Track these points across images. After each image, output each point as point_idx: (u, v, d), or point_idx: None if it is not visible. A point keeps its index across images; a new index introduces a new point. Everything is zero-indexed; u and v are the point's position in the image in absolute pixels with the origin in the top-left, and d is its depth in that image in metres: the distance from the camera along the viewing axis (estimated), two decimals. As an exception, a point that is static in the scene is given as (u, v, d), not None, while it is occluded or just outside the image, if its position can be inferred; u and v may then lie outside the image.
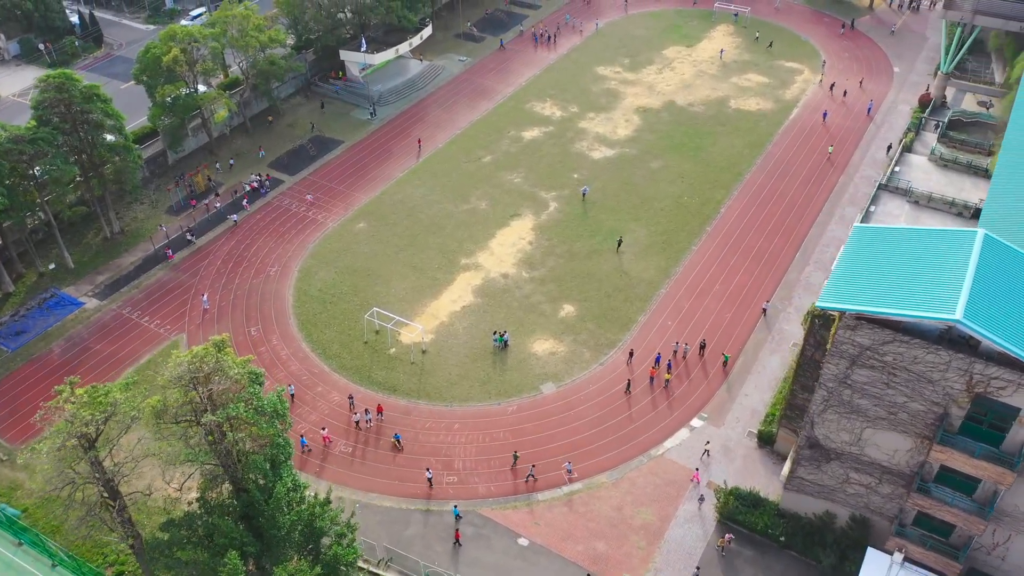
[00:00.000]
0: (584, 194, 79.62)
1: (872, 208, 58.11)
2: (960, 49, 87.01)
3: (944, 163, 68.81)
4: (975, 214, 57.03)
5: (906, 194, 59.52)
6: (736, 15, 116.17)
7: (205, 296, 68.76)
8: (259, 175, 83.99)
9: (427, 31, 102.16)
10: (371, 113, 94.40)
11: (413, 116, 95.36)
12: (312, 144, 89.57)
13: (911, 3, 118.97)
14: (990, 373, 38.51)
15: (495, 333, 64.39)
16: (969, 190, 65.94)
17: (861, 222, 56.34)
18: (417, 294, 69.48)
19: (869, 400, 43.05)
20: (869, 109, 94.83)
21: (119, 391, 41.40)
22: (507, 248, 74.29)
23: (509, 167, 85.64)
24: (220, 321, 67.18)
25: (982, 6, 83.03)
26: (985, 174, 67.54)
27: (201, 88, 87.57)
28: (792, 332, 65.33)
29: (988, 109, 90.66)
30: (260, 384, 43.46)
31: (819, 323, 48.24)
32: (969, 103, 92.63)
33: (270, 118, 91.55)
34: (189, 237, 75.24)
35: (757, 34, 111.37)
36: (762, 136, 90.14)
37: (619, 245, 73.46)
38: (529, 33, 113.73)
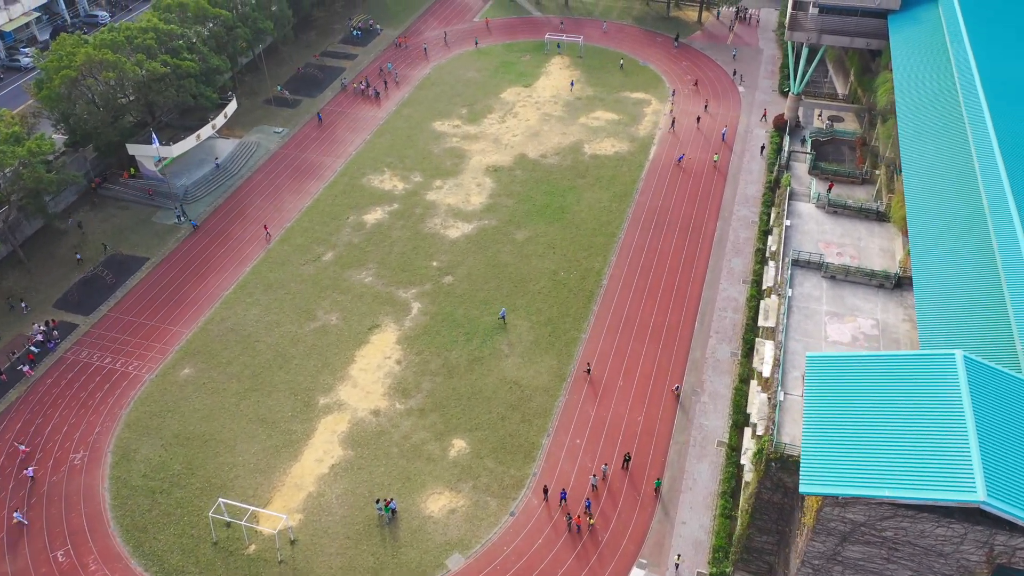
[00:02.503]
0: (503, 317, 66.51)
1: (790, 291, 51.17)
2: (808, 69, 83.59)
3: (834, 210, 63.72)
4: (898, 283, 51.38)
5: (820, 268, 53.12)
6: (559, 46, 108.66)
7: (17, 512, 52.60)
8: (45, 323, 67.06)
9: (231, 106, 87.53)
10: (179, 216, 78.96)
11: (231, 211, 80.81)
12: (108, 269, 73.13)
13: (738, 15, 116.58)
14: (1015, 544, 31.48)
15: (378, 501, 52.45)
16: (867, 239, 61.10)
17: (785, 313, 49.23)
18: (272, 458, 56.22)
19: None
20: (724, 136, 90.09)
21: None
22: (372, 374, 62.31)
23: (356, 263, 73.38)
24: (12, 550, 51.05)
25: (827, 25, 79.61)
26: (877, 216, 63.04)
27: (-51, 218, 69.48)
28: (713, 427, 57.78)
29: (836, 125, 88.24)
30: None
31: (777, 466, 40.27)
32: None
33: (79, 223, 75.13)
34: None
35: (621, 61, 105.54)
36: (626, 185, 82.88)
37: (588, 371, 61.66)
38: (351, 89, 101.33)
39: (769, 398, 44.15)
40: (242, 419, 59.01)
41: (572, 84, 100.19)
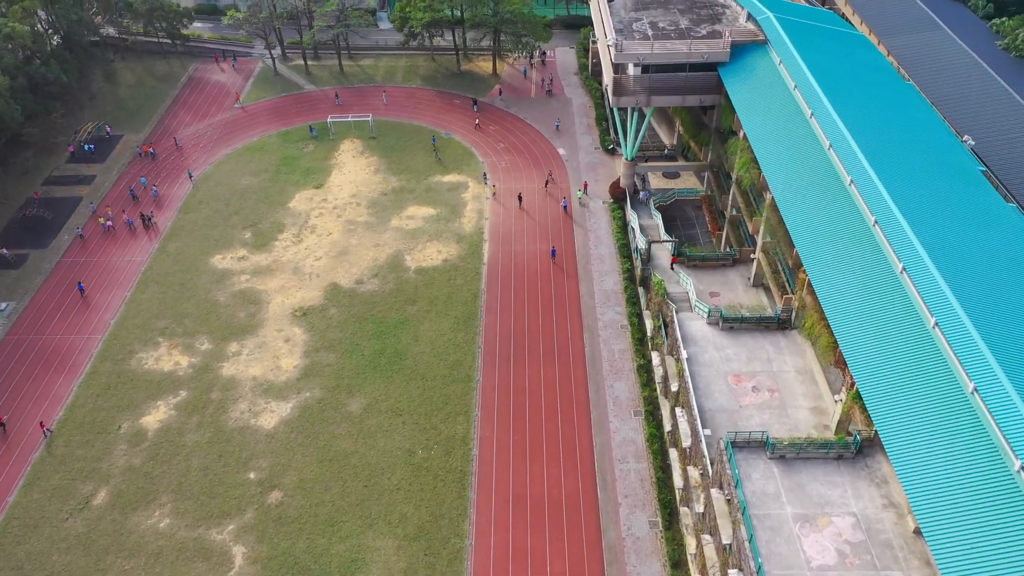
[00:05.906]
0: None
1: (740, 494, 39.65)
2: (639, 133, 73.98)
3: (729, 325, 53.69)
4: (859, 449, 41.39)
5: (763, 447, 42.09)
6: (312, 129, 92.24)
7: None
8: None
9: (-79, 297, 64.30)
10: None
11: (-55, 451, 58.32)
12: None
13: (533, 59, 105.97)
14: None
15: None
16: (777, 359, 51.62)
17: (749, 536, 37.50)
18: None
19: None
20: (565, 207, 79.08)
21: None
22: None
23: (142, 500, 54.18)
24: None
25: (656, 85, 70.06)
26: (777, 325, 53.73)
27: None
28: (661, 647, 45.71)
29: (673, 182, 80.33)
30: None
31: None
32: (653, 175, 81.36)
33: None
34: None
35: (477, 122, 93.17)
36: (467, 303, 69.08)
37: None
38: (94, 225, 79.60)
39: None
40: None
41: (436, 152, 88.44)
